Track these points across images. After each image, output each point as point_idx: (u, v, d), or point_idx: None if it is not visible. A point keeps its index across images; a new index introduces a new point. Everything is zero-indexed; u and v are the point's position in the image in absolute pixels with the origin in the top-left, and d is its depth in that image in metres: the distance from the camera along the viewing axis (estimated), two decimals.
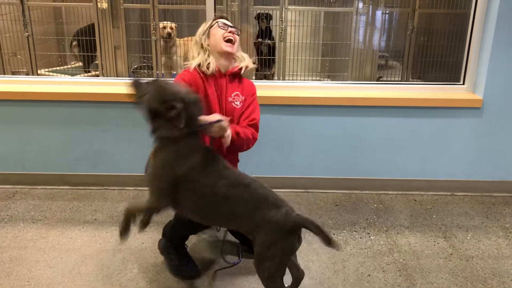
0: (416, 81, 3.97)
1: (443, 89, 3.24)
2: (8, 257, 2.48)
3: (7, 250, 2.54)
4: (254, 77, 3.97)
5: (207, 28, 2.37)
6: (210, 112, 2.26)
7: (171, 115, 1.84)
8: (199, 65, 2.32)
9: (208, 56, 2.33)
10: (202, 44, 2.35)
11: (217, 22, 2.36)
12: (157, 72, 3.97)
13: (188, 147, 1.91)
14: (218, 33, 2.32)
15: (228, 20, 2.42)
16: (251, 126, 2.36)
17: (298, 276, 2.10)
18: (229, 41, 2.31)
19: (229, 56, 2.34)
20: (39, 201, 3.06)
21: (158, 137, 1.92)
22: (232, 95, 2.36)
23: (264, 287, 1.95)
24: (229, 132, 2.13)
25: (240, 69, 2.37)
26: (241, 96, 2.38)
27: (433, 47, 3.96)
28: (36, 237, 2.66)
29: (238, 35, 2.36)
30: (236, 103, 2.36)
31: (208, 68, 2.30)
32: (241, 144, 2.27)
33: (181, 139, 1.89)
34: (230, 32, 2.32)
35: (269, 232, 1.86)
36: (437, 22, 4.11)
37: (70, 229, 2.74)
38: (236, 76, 2.40)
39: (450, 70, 3.65)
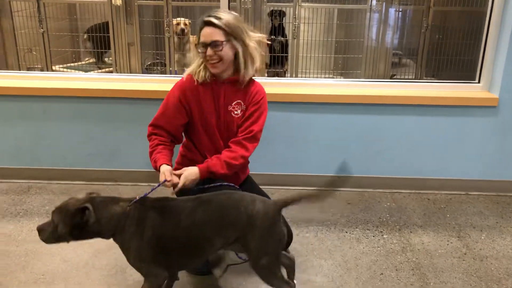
0: (430, 80, 3.94)
1: (458, 87, 3.21)
2: (23, 250, 2.51)
3: (22, 243, 2.57)
4: (266, 74, 3.97)
5: (197, 37, 2.17)
6: (209, 125, 2.22)
7: (88, 218, 1.77)
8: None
9: (202, 64, 2.19)
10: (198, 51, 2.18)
11: (201, 35, 2.13)
12: (170, 68, 3.99)
13: (134, 219, 1.84)
14: (202, 56, 2.15)
15: (210, 22, 2.10)
16: (246, 139, 2.21)
17: (290, 263, 2.12)
18: (211, 61, 2.13)
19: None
20: (53, 196, 3.10)
21: (111, 234, 1.87)
22: (233, 104, 2.23)
23: (268, 284, 1.93)
24: (180, 185, 2.04)
25: (238, 78, 2.20)
26: (242, 104, 2.24)
27: (448, 45, 3.93)
28: None
29: (220, 49, 2.09)
30: (236, 112, 2.24)
31: (198, 77, 2.18)
32: (228, 173, 2.17)
33: (124, 221, 1.83)
34: (208, 56, 2.11)
35: (258, 226, 1.84)
36: (452, 19, 4.07)
37: None
38: (238, 82, 2.22)
39: (465, 69, 3.62)
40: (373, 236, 2.71)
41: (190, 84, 2.21)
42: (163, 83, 3.19)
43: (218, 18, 2.10)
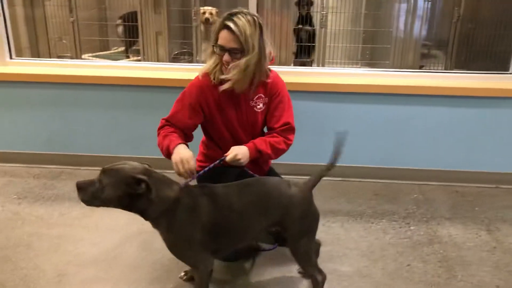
0: (460, 71, 3.87)
1: (489, 78, 3.14)
2: (55, 233, 2.58)
3: (54, 227, 2.64)
4: (292, 64, 3.96)
5: (214, 35, 2.13)
6: (230, 121, 2.22)
7: (141, 190, 1.69)
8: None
9: (219, 62, 2.14)
10: (213, 46, 2.14)
11: (219, 36, 2.09)
12: (197, 58, 4.01)
13: (187, 206, 1.80)
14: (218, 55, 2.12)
15: (230, 29, 2.03)
16: (284, 131, 2.22)
17: (316, 246, 2.19)
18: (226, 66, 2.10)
19: None
20: None
21: (155, 217, 1.78)
22: (255, 98, 2.21)
23: (303, 268, 2.00)
24: (242, 161, 2.07)
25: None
26: (264, 97, 2.22)
27: (480, 36, 3.84)
28: (81, 216, 2.75)
29: (238, 58, 2.05)
30: (258, 106, 2.22)
31: (215, 78, 2.14)
32: (267, 158, 2.22)
33: (175, 207, 1.77)
34: (225, 61, 2.08)
35: (297, 207, 1.90)
36: (484, 9, 3.97)
37: (112, 210, 2.79)
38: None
39: (497, 60, 3.53)
40: (400, 228, 2.69)
41: (208, 83, 2.17)
42: (190, 72, 3.21)
43: (236, 25, 2.03)
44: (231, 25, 2.04)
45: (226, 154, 2.07)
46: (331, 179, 3.25)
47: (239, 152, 2.07)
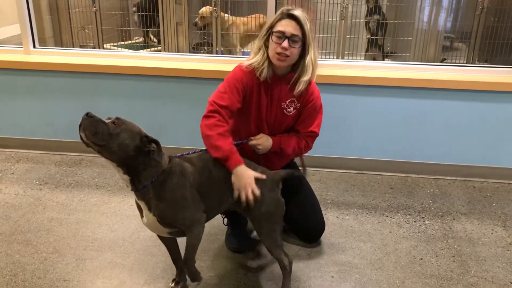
0: (483, 64, 3.80)
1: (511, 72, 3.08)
2: (74, 219, 2.65)
3: (73, 212, 2.71)
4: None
5: (268, 29, 2.14)
6: (260, 118, 2.24)
7: (152, 149, 1.76)
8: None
9: (265, 60, 2.14)
10: (263, 43, 2.15)
11: (277, 25, 2.09)
12: (217, 49, 4.03)
13: (176, 172, 1.86)
14: (272, 45, 2.09)
15: (294, 17, 2.07)
16: (309, 137, 2.30)
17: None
18: (281, 55, 2.08)
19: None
20: (102, 169, 3.23)
21: (144, 185, 1.79)
22: (287, 102, 2.22)
23: (269, 251, 2.08)
24: (254, 142, 2.20)
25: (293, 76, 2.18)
26: (296, 102, 2.23)
27: (504, 29, 3.76)
28: (100, 203, 2.82)
29: (297, 47, 2.07)
30: (289, 109, 2.24)
31: (261, 74, 2.14)
32: (285, 156, 2.31)
33: (166, 175, 1.83)
34: (283, 47, 2.05)
35: (269, 190, 2.01)
36: (509, 1, 3.88)
37: (130, 197, 2.87)
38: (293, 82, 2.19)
39: None
40: (414, 222, 2.68)
41: (251, 76, 2.17)
42: (210, 63, 3.25)
43: (301, 16, 2.07)
44: (298, 14, 2.07)
45: (252, 138, 2.20)
46: (346, 172, 3.25)
47: (263, 144, 2.20)
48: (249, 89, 2.18)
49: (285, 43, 2.05)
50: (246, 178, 1.94)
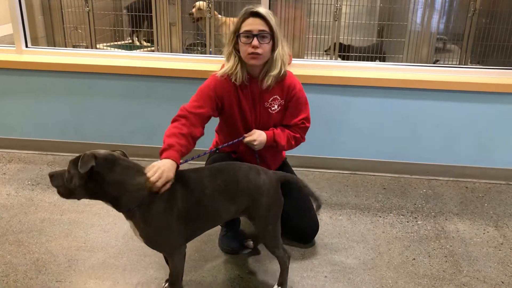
0: (475, 66, 3.83)
1: (504, 74, 3.10)
2: (67, 219, 2.64)
3: (66, 213, 2.70)
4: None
5: (234, 32, 2.11)
6: (246, 121, 2.24)
7: (101, 171, 1.67)
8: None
9: (238, 63, 2.13)
10: (233, 48, 2.13)
11: (243, 26, 2.07)
12: (210, 49, 4.03)
13: (162, 196, 1.78)
14: (243, 47, 2.08)
15: (258, 14, 2.05)
16: (301, 129, 2.28)
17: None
18: (253, 54, 2.06)
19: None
20: None
21: (129, 208, 1.76)
22: (270, 100, 2.22)
23: (271, 251, 2.05)
24: (256, 147, 2.19)
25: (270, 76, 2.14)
26: (279, 99, 2.23)
27: (496, 31, 3.79)
28: (93, 203, 2.79)
29: (267, 42, 2.06)
30: (273, 108, 2.24)
31: (236, 79, 2.13)
32: (280, 149, 2.29)
33: (151, 197, 1.75)
34: (253, 46, 2.04)
35: (265, 195, 1.94)
36: (501, 4, 3.92)
37: None
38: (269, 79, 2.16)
39: None
40: (407, 222, 2.69)
41: (226, 83, 2.16)
42: (203, 63, 3.25)
43: (265, 11, 2.06)
44: (261, 11, 2.06)
45: (246, 135, 2.19)
46: (339, 172, 3.26)
47: (257, 139, 2.18)
48: (226, 96, 2.17)
49: (255, 41, 2.05)
50: (168, 172, 1.78)
